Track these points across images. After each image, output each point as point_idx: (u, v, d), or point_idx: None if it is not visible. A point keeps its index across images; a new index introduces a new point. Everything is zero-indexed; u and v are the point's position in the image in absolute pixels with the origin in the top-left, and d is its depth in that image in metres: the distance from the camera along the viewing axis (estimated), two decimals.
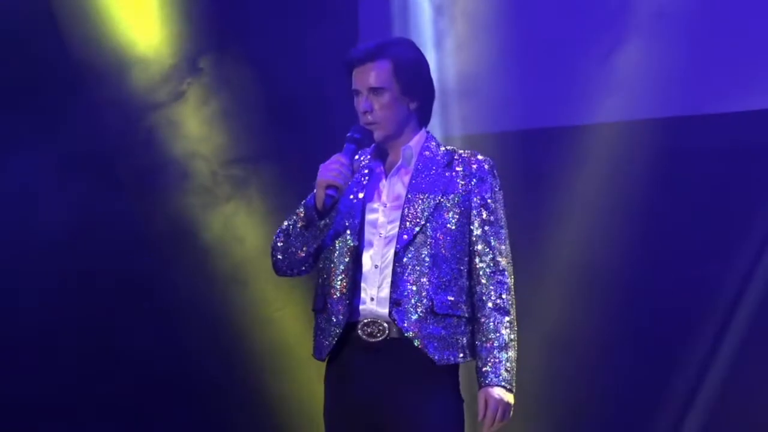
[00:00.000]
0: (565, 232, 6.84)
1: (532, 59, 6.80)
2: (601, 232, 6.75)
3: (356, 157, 3.79)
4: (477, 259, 3.71)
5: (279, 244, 3.74)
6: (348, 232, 3.71)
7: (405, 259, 3.67)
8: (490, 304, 3.68)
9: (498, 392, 3.63)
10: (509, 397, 3.64)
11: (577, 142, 6.74)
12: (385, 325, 3.66)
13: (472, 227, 3.73)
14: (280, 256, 3.74)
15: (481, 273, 3.71)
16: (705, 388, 6.64)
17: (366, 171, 3.78)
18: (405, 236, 3.67)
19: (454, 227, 3.71)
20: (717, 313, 6.60)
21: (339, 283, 3.69)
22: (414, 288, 3.65)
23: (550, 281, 6.64)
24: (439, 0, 6.81)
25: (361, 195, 3.76)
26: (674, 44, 6.49)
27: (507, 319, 3.68)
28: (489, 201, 3.74)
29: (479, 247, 3.72)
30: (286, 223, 3.74)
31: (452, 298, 3.68)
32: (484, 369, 3.66)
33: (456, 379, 3.71)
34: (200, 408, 6.70)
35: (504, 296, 3.69)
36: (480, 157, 3.80)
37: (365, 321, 3.67)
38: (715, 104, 6.54)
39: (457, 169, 3.77)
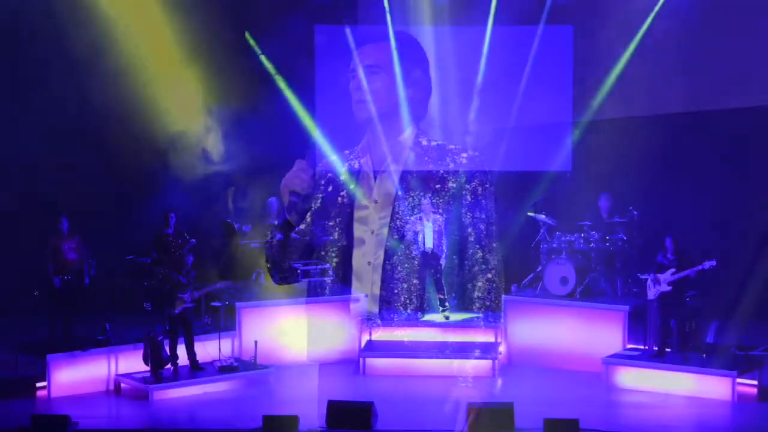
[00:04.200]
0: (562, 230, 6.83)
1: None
2: (600, 231, 6.73)
3: (345, 152, 3.80)
4: (467, 255, 3.72)
5: (267, 253, 3.75)
6: (337, 230, 3.71)
7: (395, 257, 3.67)
8: (478, 304, 3.69)
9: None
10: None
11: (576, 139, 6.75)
12: (380, 321, 3.67)
13: (463, 222, 3.73)
14: (269, 265, 3.76)
15: (471, 269, 3.71)
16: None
17: (355, 167, 3.79)
18: (395, 235, 3.67)
19: (444, 223, 3.70)
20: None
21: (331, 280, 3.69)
22: (404, 286, 3.66)
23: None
24: None
25: (350, 191, 3.76)
26: (675, 41, 6.50)
27: (496, 316, 3.68)
28: (479, 197, 3.74)
29: (470, 243, 3.72)
30: (269, 235, 3.75)
31: (442, 296, 3.68)
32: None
33: None
34: None
35: (492, 293, 3.70)
36: (470, 152, 3.79)
37: (359, 318, 3.68)
38: (716, 101, 6.54)
39: (448, 164, 3.76)
